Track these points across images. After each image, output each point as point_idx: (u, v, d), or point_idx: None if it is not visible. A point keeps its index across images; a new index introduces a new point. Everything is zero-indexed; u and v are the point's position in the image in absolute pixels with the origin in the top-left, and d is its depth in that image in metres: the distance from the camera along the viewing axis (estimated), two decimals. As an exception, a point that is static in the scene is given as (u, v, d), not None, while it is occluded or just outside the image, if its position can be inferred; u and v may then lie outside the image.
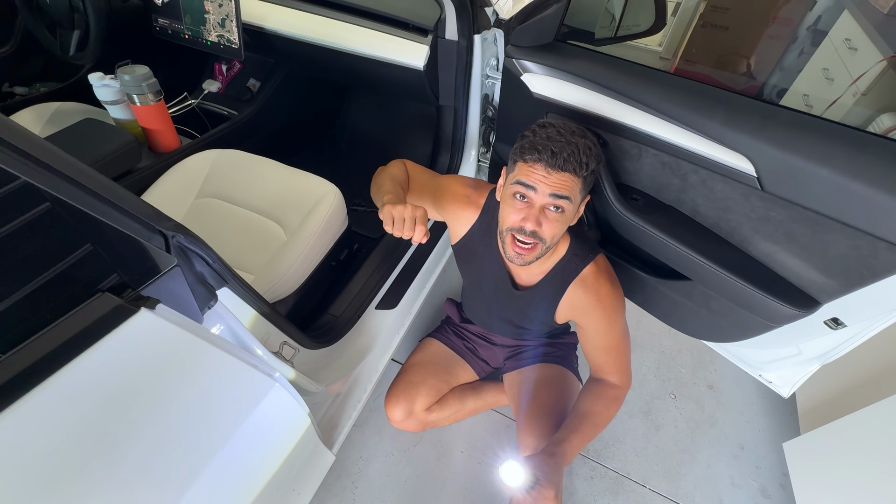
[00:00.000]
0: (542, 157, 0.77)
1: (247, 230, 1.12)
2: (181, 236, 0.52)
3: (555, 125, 0.81)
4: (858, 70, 1.65)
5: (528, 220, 0.81)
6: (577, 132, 0.81)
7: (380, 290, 1.26)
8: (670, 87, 0.91)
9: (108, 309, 0.44)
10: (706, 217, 0.98)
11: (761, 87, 2.43)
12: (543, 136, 0.79)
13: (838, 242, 0.78)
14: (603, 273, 0.96)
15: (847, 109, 1.67)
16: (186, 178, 1.19)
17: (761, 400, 1.53)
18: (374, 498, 1.27)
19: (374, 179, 1.03)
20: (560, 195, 0.79)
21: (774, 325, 0.93)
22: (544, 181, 0.78)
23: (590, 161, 0.79)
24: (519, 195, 0.82)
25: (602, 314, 0.96)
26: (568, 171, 0.78)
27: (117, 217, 0.45)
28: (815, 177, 0.75)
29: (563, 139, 0.78)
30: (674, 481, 1.34)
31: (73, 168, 0.41)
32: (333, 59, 1.35)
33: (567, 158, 0.77)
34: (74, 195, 0.41)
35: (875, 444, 1.02)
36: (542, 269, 0.98)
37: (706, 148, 0.87)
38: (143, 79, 1.18)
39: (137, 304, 0.46)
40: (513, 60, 1.11)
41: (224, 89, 1.62)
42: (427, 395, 1.26)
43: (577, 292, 0.96)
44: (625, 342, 1.00)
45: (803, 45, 2.24)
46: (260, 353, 0.68)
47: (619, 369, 1.01)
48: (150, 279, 0.49)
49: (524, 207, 0.82)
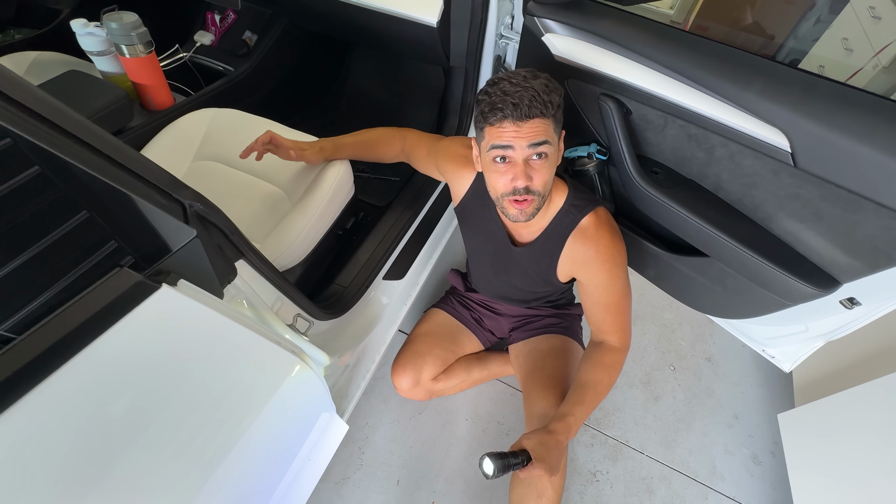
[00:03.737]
0: (505, 113, 0.76)
1: (249, 196, 1.07)
2: (199, 206, 0.48)
3: (504, 78, 0.78)
4: (882, 41, 1.59)
5: (517, 178, 0.80)
6: (528, 75, 0.78)
7: (387, 260, 1.23)
8: (704, 54, 0.86)
9: (127, 286, 0.41)
10: (729, 193, 0.96)
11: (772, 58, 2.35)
12: (498, 92, 0.76)
13: (868, 223, 0.76)
14: (604, 224, 0.93)
15: (867, 81, 1.62)
16: (182, 138, 1.12)
17: (756, 372, 1.58)
18: (381, 463, 1.29)
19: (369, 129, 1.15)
20: (538, 142, 0.77)
21: (791, 304, 0.93)
22: (517, 135, 0.77)
23: (552, 97, 0.77)
24: (499, 158, 0.80)
25: (602, 267, 0.93)
26: (535, 116, 0.76)
27: (134, 184, 0.40)
28: (854, 154, 0.72)
29: (518, 88, 0.75)
30: (670, 448, 1.39)
31: (83, 128, 0.36)
32: (338, 11, 1.25)
33: (530, 104, 0.75)
34: (86, 159, 0.37)
35: (869, 420, 1.06)
36: (541, 224, 0.96)
37: (739, 120, 0.83)
38: (133, 27, 1.09)
39: (158, 279, 0.43)
40: (534, 19, 1.04)
41: (218, 42, 1.51)
42: (433, 364, 1.26)
43: (577, 244, 0.94)
44: (625, 300, 0.97)
45: (821, 12, 2.15)
46: (280, 329, 0.66)
47: (619, 328, 0.98)
48: (168, 252, 0.46)
49: (508, 168, 0.81)
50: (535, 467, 0.78)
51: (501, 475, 0.74)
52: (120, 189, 0.39)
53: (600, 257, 0.93)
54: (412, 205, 1.33)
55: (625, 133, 1.01)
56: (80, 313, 0.38)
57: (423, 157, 1.13)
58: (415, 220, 1.33)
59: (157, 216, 0.43)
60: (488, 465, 0.73)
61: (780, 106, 0.78)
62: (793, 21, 2.24)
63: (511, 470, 0.76)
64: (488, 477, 0.73)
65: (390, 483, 1.27)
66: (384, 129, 1.16)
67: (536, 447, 0.81)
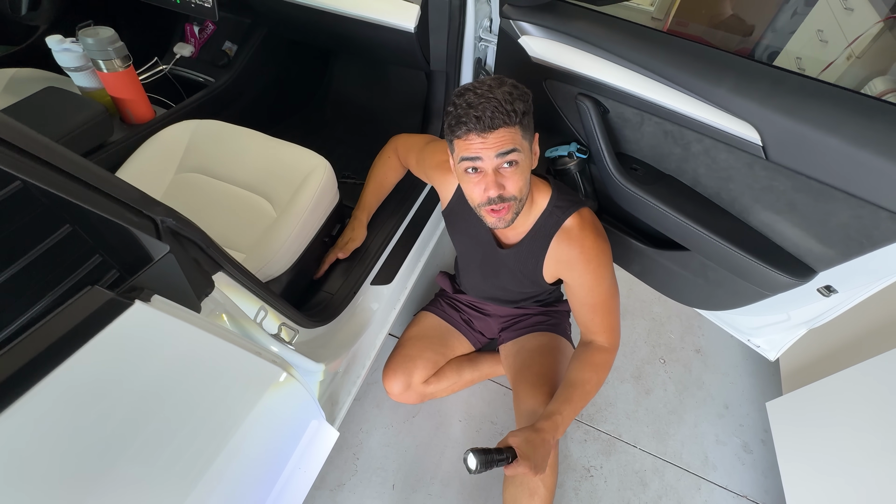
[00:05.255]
0: (469, 126, 0.77)
1: (233, 207, 1.07)
2: (172, 220, 0.48)
3: (470, 88, 0.79)
4: (854, 32, 1.62)
5: (489, 188, 0.81)
6: (494, 84, 0.79)
7: (374, 265, 1.24)
8: (677, 52, 0.87)
9: (99, 304, 0.41)
10: (707, 187, 0.97)
11: (752, 50, 2.38)
12: (463, 104, 0.78)
13: (840, 212, 0.78)
14: (588, 225, 0.94)
15: (841, 73, 1.65)
16: (164, 151, 1.12)
17: (745, 362, 1.60)
18: (376, 468, 1.29)
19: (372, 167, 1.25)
20: (505, 151, 0.78)
21: (770, 294, 0.95)
22: (483, 147, 0.78)
23: (515, 105, 0.78)
24: (470, 169, 0.82)
25: (587, 267, 0.94)
26: (498, 126, 0.77)
27: (103, 203, 0.40)
28: (822, 146, 0.74)
29: (481, 100, 0.76)
30: (663, 441, 1.40)
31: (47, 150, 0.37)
32: (316, 19, 1.26)
33: (492, 116, 0.76)
34: (52, 181, 0.37)
35: (853, 404, 1.08)
36: (526, 226, 0.97)
37: (712, 116, 0.85)
38: (109, 42, 1.08)
39: (131, 296, 0.43)
40: (510, 21, 1.05)
41: (198, 53, 1.51)
42: (424, 367, 1.27)
43: (562, 245, 0.95)
44: (612, 300, 0.97)
45: (797, 5, 2.18)
46: (262, 339, 0.66)
47: (607, 328, 0.98)
48: (141, 268, 0.46)
49: (480, 179, 0.82)
50: (519, 464, 0.79)
51: (484, 470, 0.75)
52: (88, 208, 0.39)
53: (585, 257, 0.94)
54: (398, 209, 1.33)
55: (603, 131, 1.02)
56: (50, 334, 0.38)
57: (415, 165, 1.17)
58: (401, 224, 1.34)
59: (129, 234, 0.43)
60: (472, 460, 0.74)
61: (749, 101, 0.79)
62: (771, 14, 2.28)
63: (494, 466, 0.77)
64: (471, 471, 0.74)
65: (386, 488, 1.27)
66: (378, 158, 1.24)
67: (522, 445, 0.81)
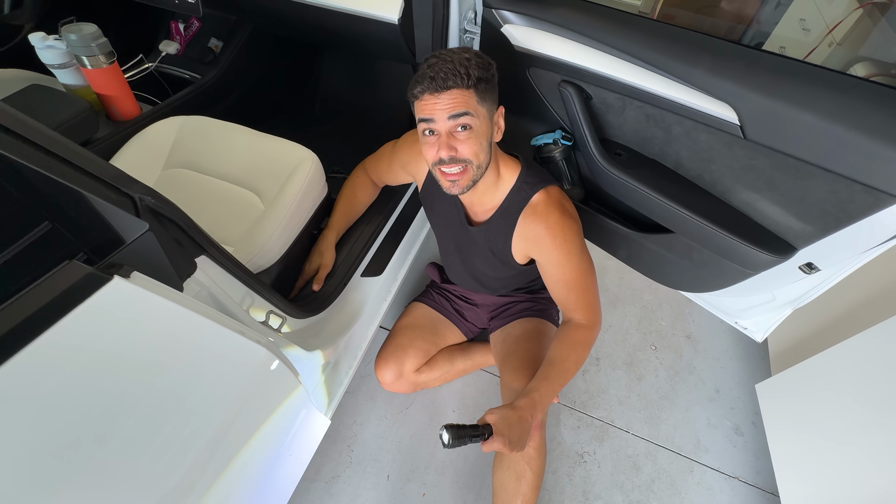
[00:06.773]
0: (424, 86, 0.80)
1: (222, 200, 1.07)
2: (150, 199, 0.48)
3: (436, 55, 0.82)
4: (835, 19, 1.64)
5: (441, 149, 0.83)
6: (459, 51, 0.82)
7: (364, 257, 1.24)
8: (655, 35, 0.89)
9: (77, 278, 0.41)
10: (689, 169, 0.99)
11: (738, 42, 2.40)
12: (424, 67, 0.81)
13: (817, 188, 0.80)
14: (554, 202, 0.94)
15: (822, 60, 1.67)
16: (151, 147, 1.12)
17: (735, 346, 1.61)
18: (371, 459, 1.30)
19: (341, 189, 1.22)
20: (457, 113, 0.80)
21: (752, 273, 0.96)
22: (436, 107, 0.80)
23: (471, 69, 0.79)
24: (427, 131, 0.84)
25: (553, 243, 0.94)
26: (451, 87, 0.79)
27: (80, 179, 0.41)
28: (797, 122, 0.75)
29: (440, 62, 0.79)
30: (655, 425, 1.42)
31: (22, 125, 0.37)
32: (300, 13, 1.26)
33: (446, 76, 0.78)
34: (27, 154, 0.37)
35: (840, 381, 1.09)
36: (494, 202, 0.98)
37: (691, 97, 0.86)
38: (92, 38, 1.08)
39: (110, 271, 0.44)
40: (492, 11, 1.06)
41: (183, 50, 1.51)
42: (416, 356, 1.27)
43: (528, 221, 0.95)
44: (586, 276, 0.97)
45: (780, -5, 2.21)
46: (246, 320, 0.66)
47: (583, 305, 0.98)
48: (120, 246, 0.46)
49: (435, 140, 0.84)
50: (495, 440, 0.80)
51: (457, 445, 0.77)
52: (65, 184, 0.39)
53: (550, 233, 0.93)
54: (387, 200, 1.34)
55: (586, 117, 1.03)
56: (28, 306, 0.38)
57: (387, 169, 1.17)
58: (391, 216, 1.34)
59: (107, 210, 0.43)
60: (445, 435, 0.77)
61: (726, 80, 0.80)
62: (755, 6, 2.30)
63: (468, 441, 0.79)
64: (445, 446, 0.76)
65: (381, 478, 1.27)
66: (346, 180, 1.24)
67: (499, 421, 0.82)
